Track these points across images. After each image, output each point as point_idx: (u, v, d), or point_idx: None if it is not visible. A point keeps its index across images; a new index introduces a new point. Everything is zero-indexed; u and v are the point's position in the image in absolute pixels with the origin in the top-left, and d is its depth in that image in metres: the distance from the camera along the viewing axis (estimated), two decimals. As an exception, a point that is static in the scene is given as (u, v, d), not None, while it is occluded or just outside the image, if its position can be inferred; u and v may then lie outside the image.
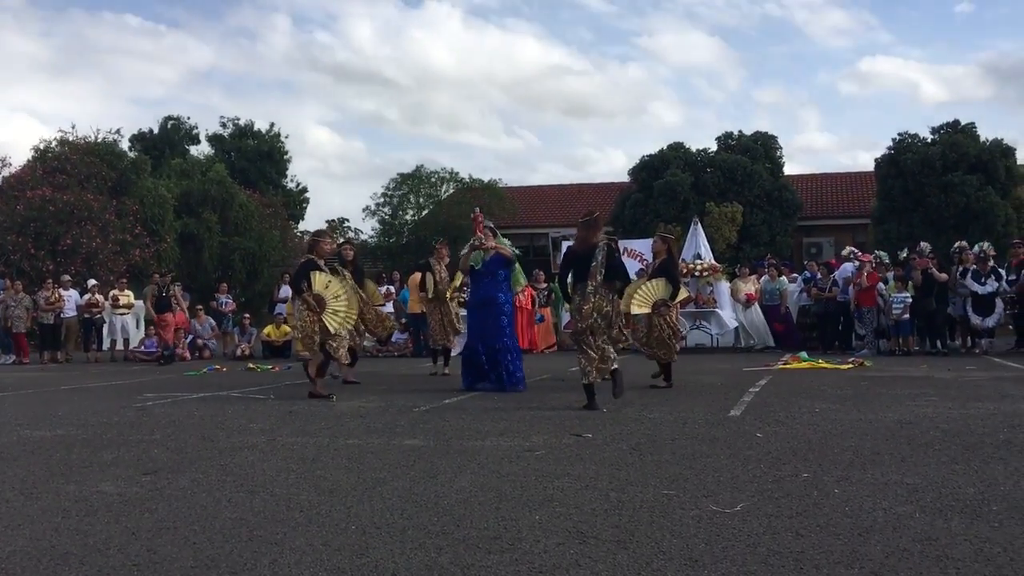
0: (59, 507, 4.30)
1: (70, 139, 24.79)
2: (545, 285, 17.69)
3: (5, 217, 21.09)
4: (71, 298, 18.14)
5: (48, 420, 7.74)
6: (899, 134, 27.43)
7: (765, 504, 4.11)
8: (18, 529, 3.90)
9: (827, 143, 75.38)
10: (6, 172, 23.71)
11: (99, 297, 18.40)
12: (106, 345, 18.51)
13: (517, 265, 10.03)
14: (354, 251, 10.90)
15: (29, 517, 4.11)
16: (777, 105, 76.43)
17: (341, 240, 14.28)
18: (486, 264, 9.58)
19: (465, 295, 12.41)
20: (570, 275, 8.02)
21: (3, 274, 19.21)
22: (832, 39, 77.05)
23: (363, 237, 33.89)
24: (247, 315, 19.33)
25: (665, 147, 29.88)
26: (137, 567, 3.32)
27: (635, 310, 9.03)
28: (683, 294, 9.77)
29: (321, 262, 9.29)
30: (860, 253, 15.91)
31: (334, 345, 9.04)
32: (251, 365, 14.45)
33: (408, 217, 33.95)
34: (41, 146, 24.62)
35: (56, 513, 4.18)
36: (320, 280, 9.05)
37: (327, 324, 8.93)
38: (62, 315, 17.69)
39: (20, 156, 42.07)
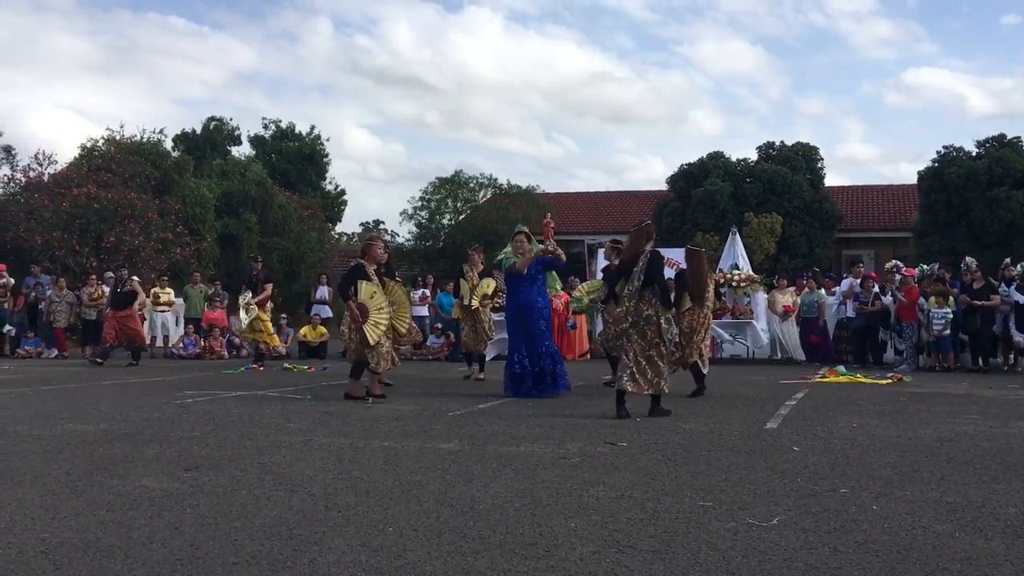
0: (103, 501, 4.39)
1: (117, 138, 25.23)
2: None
3: (51, 214, 21.49)
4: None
5: (91, 414, 7.88)
6: (944, 147, 27.03)
7: (802, 518, 4.09)
8: (64, 521, 3.99)
9: (870, 154, 74.62)
10: (52, 169, 24.18)
11: (141, 294, 18.67)
12: (147, 341, 18.77)
13: (553, 272, 10.13)
14: (388, 253, 10.85)
15: (75, 510, 4.21)
16: (819, 115, 75.86)
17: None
18: (529, 268, 9.59)
19: (500, 301, 12.45)
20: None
21: (48, 270, 19.58)
22: (877, 50, 76.32)
23: (399, 240, 34.13)
24: (284, 315, 19.52)
25: (705, 156, 29.74)
26: (180, 562, 3.38)
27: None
28: (686, 304, 9.69)
29: (371, 268, 9.28)
30: (904, 267, 15.71)
31: (373, 356, 9.05)
32: (288, 365, 14.59)
33: (445, 221, 34.10)
34: (88, 144, 25.11)
35: (101, 506, 4.27)
36: (366, 290, 9.06)
37: (368, 335, 8.94)
38: (104, 311, 17.96)
39: (66, 154, 43.01)
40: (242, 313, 13.97)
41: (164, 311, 18.82)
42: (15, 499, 4.43)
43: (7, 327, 17.82)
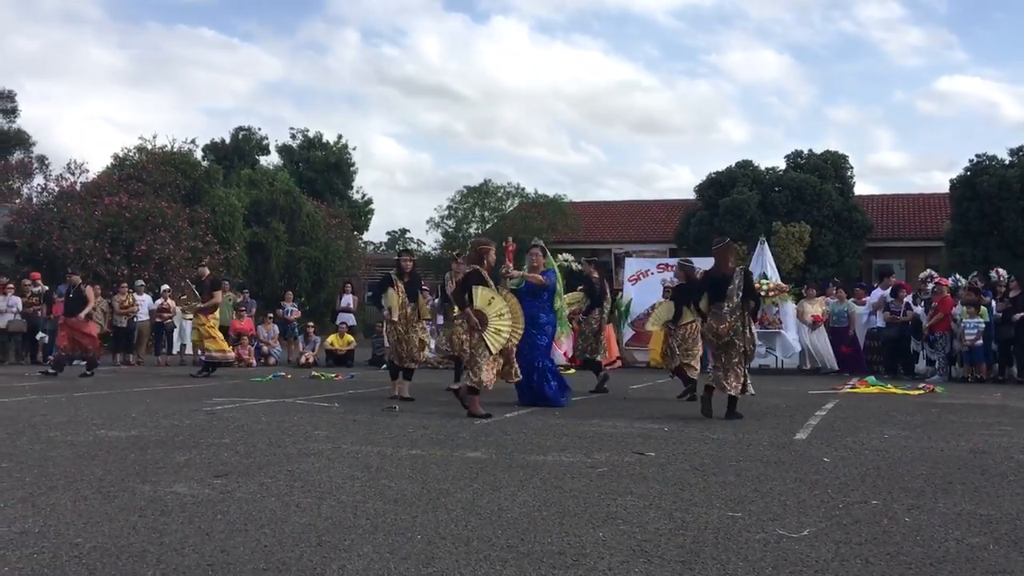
0: (135, 506, 4.44)
1: (148, 148, 25.57)
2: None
3: (83, 222, 21.79)
4: (144, 303, 18.66)
5: (122, 421, 7.97)
6: (976, 155, 26.70)
7: (833, 530, 4.05)
8: (97, 526, 4.04)
9: (901, 163, 74.07)
10: (84, 179, 24.52)
11: (171, 302, 18.90)
12: (175, 349, 19.00)
13: (558, 287, 9.85)
14: (413, 263, 10.75)
15: (107, 515, 4.25)
16: (849, 124, 75.39)
17: (400, 251, 14.30)
18: (527, 284, 9.60)
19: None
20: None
21: (81, 278, 19.83)
22: (908, 57, 75.77)
23: (426, 249, 34.21)
24: (311, 324, 19.65)
25: (733, 165, 29.61)
26: (211, 567, 3.41)
27: (649, 327, 10.39)
28: (687, 317, 10.38)
29: (486, 274, 8.84)
30: (938, 276, 15.54)
31: (476, 367, 8.59)
32: (315, 373, 14.68)
33: (472, 231, 34.15)
34: (120, 154, 25.46)
35: (133, 512, 4.31)
36: (483, 296, 8.63)
37: (489, 344, 8.50)
38: (135, 319, 18.19)
39: (97, 163, 43.74)
40: (178, 311, 13.76)
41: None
42: (49, 504, 4.48)
43: (40, 334, 18.08)
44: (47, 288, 18.62)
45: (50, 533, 3.91)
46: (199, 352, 18.29)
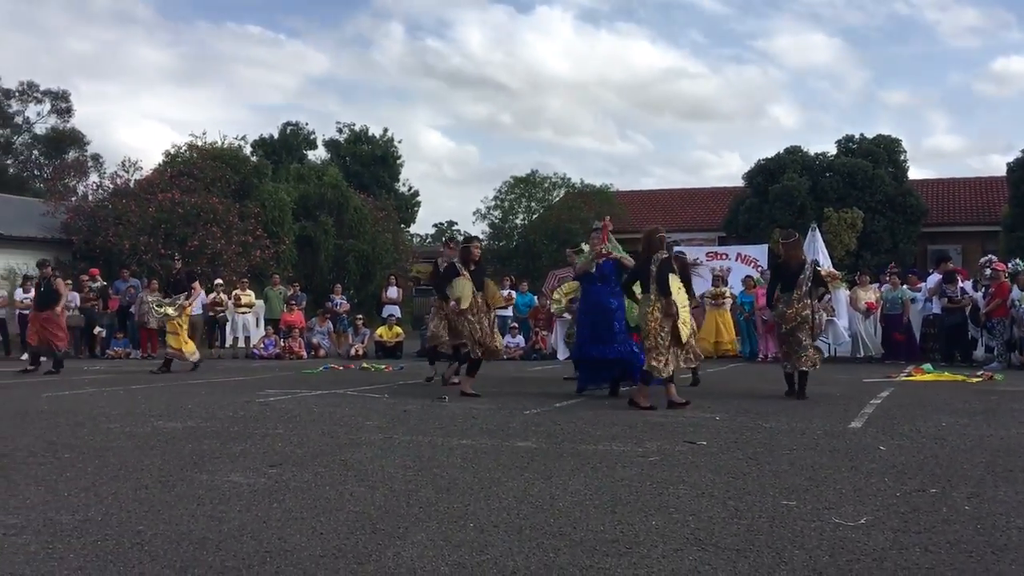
0: (194, 495, 4.53)
1: (199, 144, 25.96)
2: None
3: (138, 219, 22.20)
4: (198, 297, 18.96)
5: (179, 412, 8.13)
6: (1035, 137, 26.01)
7: (890, 518, 3.98)
8: (158, 514, 4.13)
9: (957, 146, 72.47)
10: (138, 176, 24.97)
11: (223, 296, 19.20)
12: (228, 342, 19.31)
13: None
14: (480, 250, 10.35)
15: (167, 504, 4.34)
16: (903, 107, 73.94)
17: (467, 237, 13.83)
18: (600, 268, 9.43)
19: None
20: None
21: (135, 273, 20.24)
22: (964, 38, 74.02)
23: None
24: (360, 316, 19.82)
25: (782, 151, 29.18)
26: (269, 554, 3.46)
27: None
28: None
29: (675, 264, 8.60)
30: (996, 261, 15.17)
31: (668, 358, 8.25)
32: (365, 365, 14.81)
33: (518, 221, 34.18)
34: (172, 151, 25.88)
35: (191, 501, 4.40)
36: (674, 285, 8.37)
37: (681, 333, 8.29)
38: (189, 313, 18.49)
39: (150, 160, 44.69)
40: (170, 310, 13.05)
41: (245, 313, 19.29)
42: (111, 493, 4.59)
43: (97, 328, 18.51)
44: (104, 283, 19.06)
45: (112, 521, 4.00)
46: (251, 346, 18.67)
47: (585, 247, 9.99)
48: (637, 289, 8.58)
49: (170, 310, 13.14)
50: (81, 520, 4.02)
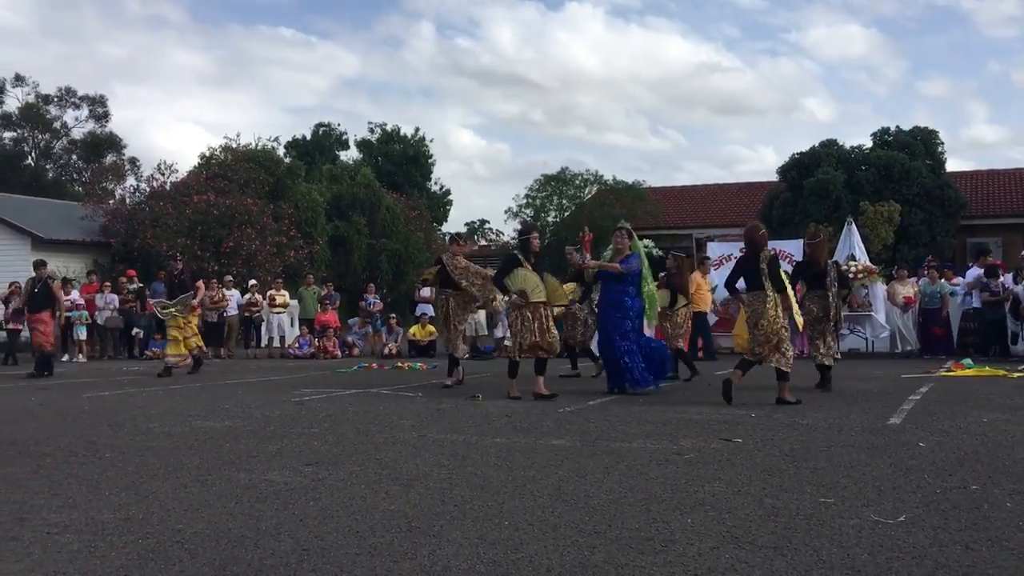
0: (232, 493, 4.58)
1: (233, 146, 26.25)
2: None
3: (174, 221, 22.49)
4: (233, 297, 19.19)
5: (216, 412, 8.22)
6: (1076, 127, 25.48)
7: (931, 516, 3.93)
8: (197, 513, 4.18)
9: (997, 137, 71.16)
10: (174, 178, 25.30)
11: (258, 296, 19.40)
12: (264, 342, 19.50)
13: (644, 271, 9.49)
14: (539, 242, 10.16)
15: (206, 502, 4.40)
16: (941, 98, 72.80)
17: (526, 226, 13.61)
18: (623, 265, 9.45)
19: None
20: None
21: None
22: (1003, 27, 72.71)
23: (504, 238, 34.33)
24: (393, 315, 19.91)
25: (816, 144, 28.84)
26: (306, 552, 3.50)
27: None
28: (681, 302, 11.38)
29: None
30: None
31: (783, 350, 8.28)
32: (399, 364, 14.88)
33: (550, 219, 34.12)
34: (207, 153, 26.19)
35: (230, 499, 4.45)
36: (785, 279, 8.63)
37: (797, 323, 8.76)
38: (225, 313, 18.72)
39: (186, 163, 45.32)
40: (174, 310, 12.81)
41: (280, 313, 19.47)
42: (151, 492, 4.66)
43: (136, 329, 18.77)
44: (142, 285, 19.32)
45: (153, 519, 4.06)
46: (286, 346, 18.84)
47: (608, 251, 10.09)
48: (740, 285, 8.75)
49: (175, 310, 12.98)
50: (123, 519, 4.08)
